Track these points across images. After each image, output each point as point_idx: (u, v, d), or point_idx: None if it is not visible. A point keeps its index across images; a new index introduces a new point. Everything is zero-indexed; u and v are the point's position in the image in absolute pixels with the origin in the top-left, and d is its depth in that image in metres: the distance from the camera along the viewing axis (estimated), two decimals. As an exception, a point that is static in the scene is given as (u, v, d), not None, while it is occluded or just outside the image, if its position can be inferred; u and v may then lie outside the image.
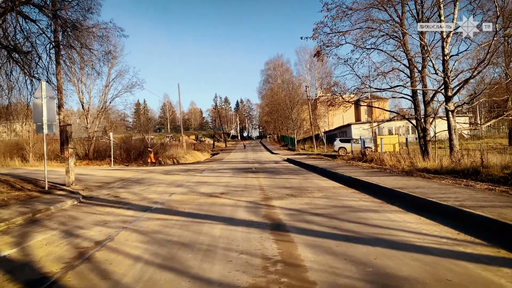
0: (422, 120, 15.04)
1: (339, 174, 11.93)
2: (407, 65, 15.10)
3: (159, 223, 5.96)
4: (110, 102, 31.20)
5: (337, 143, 30.13)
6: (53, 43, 12.35)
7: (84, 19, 13.01)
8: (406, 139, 24.72)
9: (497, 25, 11.67)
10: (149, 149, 26.70)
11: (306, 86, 41.71)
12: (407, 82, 15.35)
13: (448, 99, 13.40)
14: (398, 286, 2.95)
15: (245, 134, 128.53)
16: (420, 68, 14.70)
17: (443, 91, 13.61)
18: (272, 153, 36.56)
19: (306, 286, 3.06)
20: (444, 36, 13.09)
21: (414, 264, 3.45)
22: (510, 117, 15.42)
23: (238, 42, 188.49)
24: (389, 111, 18.37)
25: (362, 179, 9.75)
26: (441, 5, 13.06)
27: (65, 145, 12.20)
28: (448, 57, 13.39)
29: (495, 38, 11.71)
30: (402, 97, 16.40)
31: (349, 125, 44.15)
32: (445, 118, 14.05)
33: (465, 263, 3.43)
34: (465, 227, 4.67)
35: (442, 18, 13.15)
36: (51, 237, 5.24)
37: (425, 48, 14.08)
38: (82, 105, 30.04)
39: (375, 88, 15.79)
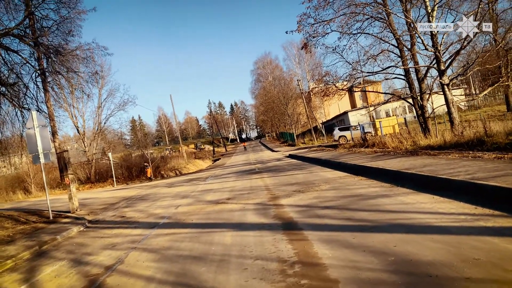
0: (419, 97, 14.91)
1: (343, 163, 11.78)
2: (396, 45, 14.97)
3: (168, 239, 5.80)
4: (104, 123, 31.09)
5: (337, 132, 29.95)
6: (39, 71, 12.20)
7: (66, 42, 12.86)
8: (405, 119, 24.63)
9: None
10: (145, 164, 26.56)
11: (297, 80, 41.52)
12: (398, 62, 15.22)
13: (441, 73, 13.27)
14: (424, 272, 2.81)
15: (243, 136, 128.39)
16: (409, 46, 14.56)
17: (435, 66, 13.48)
18: (273, 151, 36.39)
19: (329, 285, 2.91)
20: (429, 11, 12.96)
21: (437, 246, 3.30)
22: (505, 83, 15.27)
23: (225, 45, 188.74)
24: (384, 93, 18.19)
25: (367, 165, 9.60)
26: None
27: (64, 172, 12.04)
28: (436, 31, 13.26)
29: (480, 6, 11.58)
30: (396, 78, 16.27)
31: (345, 113, 43.98)
32: (441, 93, 13.92)
33: (490, 238, 3.29)
34: (482, 201, 4.52)
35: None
36: (60, 268, 5.09)
37: (412, 25, 13.95)
38: (77, 129, 29.90)
39: (367, 72, 15.64)
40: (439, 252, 3.13)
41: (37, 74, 12.42)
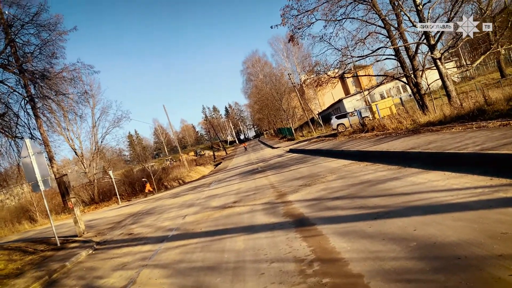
0: (412, 75, 14.76)
1: (346, 151, 11.62)
2: (383, 26, 14.81)
3: (179, 251, 5.64)
4: (101, 142, 30.94)
5: (334, 121, 29.77)
6: (27, 98, 11.98)
7: (51, 66, 12.61)
8: (400, 98, 24.47)
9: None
10: (143, 179, 26.42)
11: (288, 74, 41.30)
12: (387, 43, 15.07)
13: (432, 47, 13.12)
14: (451, 255, 2.64)
15: (242, 137, 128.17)
16: (396, 25, 14.40)
17: (425, 41, 13.33)
18: (273, 148, 36.22)
19: (353, 281, 2.75)
20: (411, -14, 12.80)
21: (459, 224, 3.13)
22: (496, 50, 15.12)
23: (213, 49, 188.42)
24: (376, 75, 18.04)
25: (370, 150, 9.44)
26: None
27: (66, 197, 11.83)
28: (421, 7, 13.11)
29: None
30: (386, 58, 16.11)
31: (340, 101, 43.82)
32: (435, 68, 13.77)
33: (513, 209, 3.13)
34: (496, 171, 4.36)
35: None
36: (71, 297, 4.93)
37: (396, 4, 13.80)
38: (75, 152, 29.71)
39: (358, 57, 15.49)
40: (463, 231, 2.97)
41: (26, 101, 12.18)
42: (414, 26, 13.73)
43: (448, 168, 5.26)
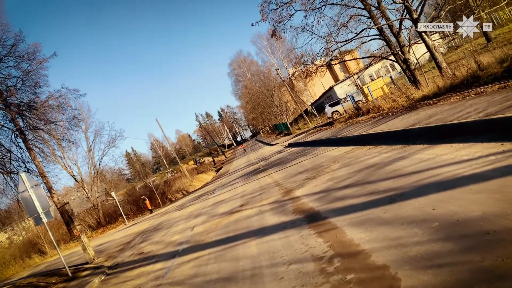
0: (399, 52, 14.63)
1: (345, 138, 11.46)
2: (363, 7, 14.66)
3: (192, 265, 5.46)
4: (99, 164, 30.69)
5: (328, 109, 29.60)
6: (16, 132, 11.75)
7: (36, 95, 12.40)
8: (391, 77, 24.38)
9: None
10: (142, 197, 26.23)
11: (276, 69, 41.11)
12: (370, 23, 14.94)
13: (415, 21, 13.00)
14: (479, 230, 2.48)
15: (238, 139, 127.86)
16: (376, 5, 14.26)
17: (407, 16, 13.19)
18: (272, 145, 36.03)
19: (379, 274, 2.58)
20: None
21: (480, 197, 2.97)
22: (479, 15, 15.02)
23: (198, 56, 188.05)
24: (363, 58, 17.86)
25: (370, 133, 9.28)
26: None
27: (71, 225, 11.63)
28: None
29: None
30: (372, 39, 15.93)
31: (331, 88, 43.65)
32: (421, 42, 13.66)
33: (533, 173, 2.97)
34: (505, 135, 4.20)
35: None
36: (88, 329, 4.73)
37: (373, -18, 13.66)
38: (74, 178, 29.42)
39: (342, 42, 15.34)
40: (486, 203, 2.81)
41: (15, 135, 11.95)
42: (394, 2, 13.61)
43: (454, 140, 5.11)
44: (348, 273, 2.82)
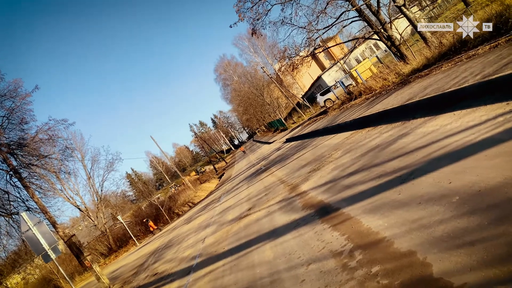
0: (382, 30, 14.48)
1: (342, 124, 11.28)
2: (338, -10, 14.51)
3: (208, 279, 5.25)
4: (101, 191, 30.38)
5: (320, 98, 29.43)
6: (11, 172, 11.52)
7: (24, 132, 12.18)
8: (377, 56, 24.22)
9: None
10: (144, 220, 26.06)
11: (261, 67, 40.93)
12: (348, 6, 14.79)
13: (393, -4, 12.85)
14: (504, 198, 2.29)
15: (236, 142, 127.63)
16: (351, -14, 14.11)
17: (384, -8, 13.05)
18: (269, 143, 35.85)
19: (407, 261, 2.39)
20: None
21: (497, 162, 2.79)
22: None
23: (185, 66, 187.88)
24: (346, 41, 17.74)
25: (367, 115, 9.10)
26: None
27: (81, 256, 11.41)
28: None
29: None
30: (352, 22, 15.78)
31: (319, 77, 43.50)
32: (402, 17, 13.52)
33: (549, 128, 2.79)
34: (508, 94, 4.03)
35: None
36: None
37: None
38: (79, 208, 29.09)
39: (323, 28, 15.21)
40: (505, 167, 2.63)
41: (10, 175, 11.73)
42: (369, -20, 13.47)
43: (455, 107, 4.93)
44: (372, 265, 2.63)
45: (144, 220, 25.92)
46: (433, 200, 2.89)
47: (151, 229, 24.61)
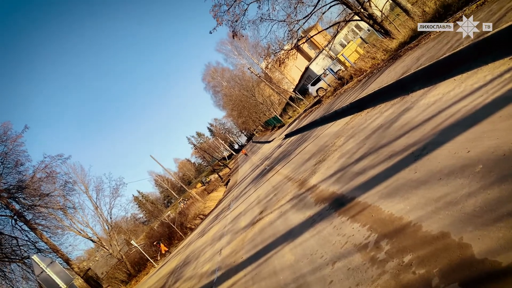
0: (362, 10, 14.30)
1: (339, 110, 11.08)
2: (310, -24, 14.35)
3: (231, 294, 5.05)
4: (110, 218, 30.15)
5: (312, 89, 29.21)
6: (15, 217, 11.32)
7: (22, 174, 11.97)
8: (361, 37, 24.07)
9: None
10: (154, 243, 25.87)
11: (248, 68, 40.78)
12: (323, -9, 14.62)
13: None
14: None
15: (236, 147, 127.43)
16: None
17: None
18: (269, 142, 35.64)
19: (441, 245, 2.18)
20: None
21: (516, 121, 2.59)
22: None
23: (178, 82, 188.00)
24: (328, 28, 17.60)
25: (363, 96, 8.90)
26: None
27: (100, 289, 11.18)
28: None
29: None
30: (330, 7, 15.60)
31: (307, 68, 43.29)
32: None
33: None
34: (509, 48, 3.82)
35: None
36: None
37: None
38: (91, 240, 28.86)
39: (303, 18, 15.05)
40: (527, 126, 2.43)
41: (15, 220, 11.53)
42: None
43: (454, 73, 4.73)
44: (404, 254, 2.42)
45: (155, 243, 25.71)
46: (454, 173, 2.69)
47: (163, 251, 24.39)
